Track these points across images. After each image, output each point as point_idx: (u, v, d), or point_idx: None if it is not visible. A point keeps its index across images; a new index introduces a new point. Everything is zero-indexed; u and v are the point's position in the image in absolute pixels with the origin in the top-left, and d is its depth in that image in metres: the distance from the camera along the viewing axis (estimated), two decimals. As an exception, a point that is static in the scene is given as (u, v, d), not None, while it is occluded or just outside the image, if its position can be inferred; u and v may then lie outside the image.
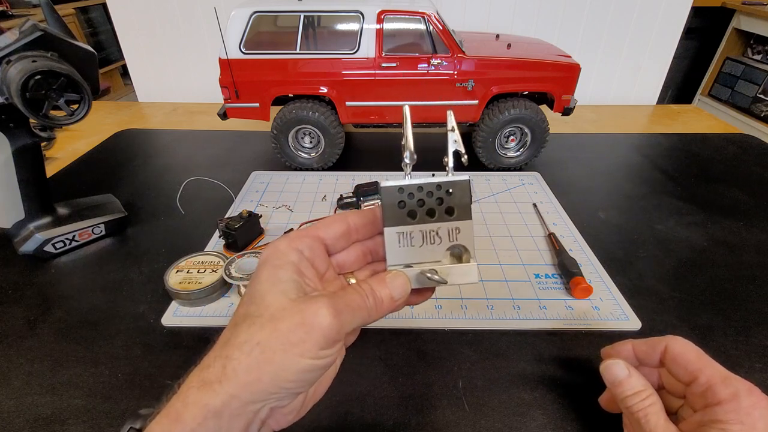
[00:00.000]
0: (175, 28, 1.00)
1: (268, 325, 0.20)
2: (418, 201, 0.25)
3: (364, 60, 0.62)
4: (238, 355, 0.20)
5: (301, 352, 0.20)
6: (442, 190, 0.25)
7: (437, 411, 0.34)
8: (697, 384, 0.27)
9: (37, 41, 0.41)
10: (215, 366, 0.20)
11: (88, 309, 0.44)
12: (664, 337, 0.30)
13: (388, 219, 0.25)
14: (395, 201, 0.25)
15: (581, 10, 0.97)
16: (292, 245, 0.23)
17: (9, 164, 0.46)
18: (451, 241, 0.25)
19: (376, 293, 0.23)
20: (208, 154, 0.76)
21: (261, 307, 0.21)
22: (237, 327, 0.21)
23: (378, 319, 0.24)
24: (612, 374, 0.30)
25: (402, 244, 0.25)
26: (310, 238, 0.24)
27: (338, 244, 0.25)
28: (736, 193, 0.64)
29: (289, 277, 0.22)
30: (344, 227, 0.25)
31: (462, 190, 0.25)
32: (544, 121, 0.66)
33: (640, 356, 0.31)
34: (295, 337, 0.20)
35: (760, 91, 1.85)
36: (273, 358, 0.20)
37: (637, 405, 0.28)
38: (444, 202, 0.25)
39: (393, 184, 0.24)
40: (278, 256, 0.23)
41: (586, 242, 0.53)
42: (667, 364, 0.30)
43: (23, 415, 0.34)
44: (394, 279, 0.24)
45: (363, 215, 0.26)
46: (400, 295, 0.24)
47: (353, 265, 0.27)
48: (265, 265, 0.23)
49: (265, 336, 0.20)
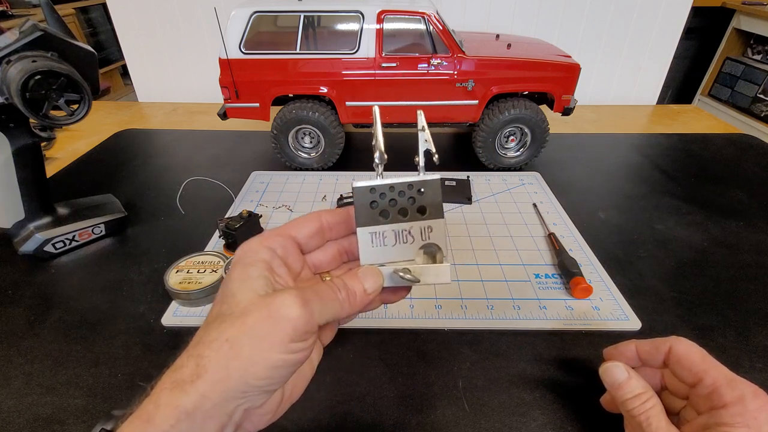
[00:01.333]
0: (175, 28, 1.00)
1: (237, 321, 0.20)
2: (390, 201, 0.25)
3: (364, 60, 0.62)
4: (209, 353, 0.20)
5: (270, 345, 0.20)
6: (414, 190, 0.25)
7: (437, 411, 0.34)
8: (702, 386, 0.27)
9: (37, 41, 0.41)
10: (188, 365, 0.20)
11: (88, 309, 0.44)
12: (669, 338, 0.30)
13: (361, 219, 0.25)
14: (367, 201, 0.25)
15: (581, 10, 0.97)
16: (264, 243, 0.23)
17: (9, 164, 0.46)
18: (423, 240, 0.25)
19: (348, 286, 0.23)
20: (208, 154, 0.76)
21: (231, 304, 0.21)
22: (209, 326, 0.21)
23: (353, 314, 0.24)
24: (611, 377, 0.30)
25: (375, 244, 0.25)
26: (282, 236, 0.24)
27: (311, 243, 0.26)
28: (736, 193, 0.64)
29: (258, 274, 0.22)
30: (317, 225, 0.25)
31: (433, 189, 0.25)
32: (544, 121, 0.66)
33: (644, 357, 0.31)
34: (262, 330, 0.20)
35: (760, 91, 1.85)
36: (241, 352, 0.20)
37: (638, 408, 0.28)
38: (416, 201, 0.25)
39: (365, 185, 0.24)
40: (249, 255, 0.23)
41: (586, 242, 0.53)
42: (671, 366, 0.29)
43: (23, 415, 0.34)
44: (366, 273, 0.24)
45: (336, 214, 0.26)
46: (373, 288, 0.24)
47: (329, 264, 0.27)
48: (237, 264, 0.23)
49: (234, 332, 0.20)
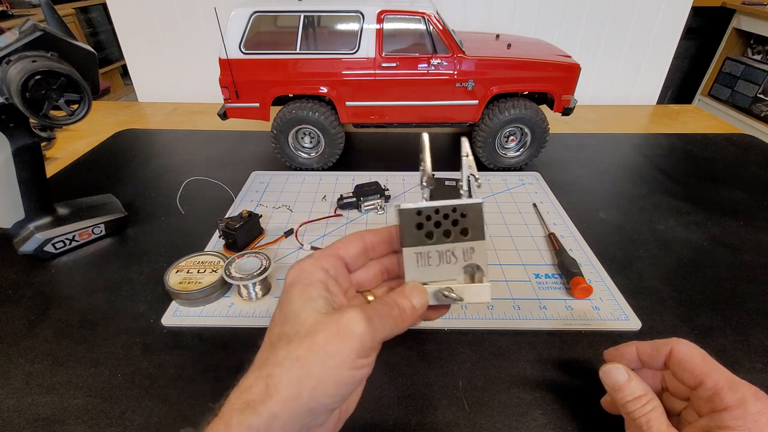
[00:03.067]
0: (175, 28, 1.00)
1: (306, 340, 0.21)
2: (435, 222, 0.26)
3: (364, 60, 0.62)
4: (279, 372, 0.21)
5: (340, 362, 0.21)
6: (457, 213, 0.26)
7: (437, 411, 0.34)
8: (704, 388, 0.27)
9: (37, 41, 0.41)
10: (258, 386, 0.21)
11: (88, 309, 0.44)
12: (669, 339, 0.30)
13: (407, 239, 0.25)
14: (413, 222, 0.25)
15: (581, 10, 0.97)
16: (318, 264, 0.25)
17: (9, 164, 0.46)
18: (465, 260, 0.26)
19: (399, 303, 0.24)
20: (208, 154, 0.76)
21: (296, 324, 0.22)
22: (274, 347, 0.22)
23: (404, 330, 0.25)
24: (611, 379, 0.30)
25: (420, 264, 0.26)
26: (333, 257, 0.26)
27: (357, 262, 0.27)
28: (736, 193, 0.64)
29: (319, 294, 0.23)
30: (361, 245, 0.27)
31: (476, 212, 0.26)
32: (544, 121, 0.66)
33: (644, 359, 0.31)
34: (332, 348, 0.21)
35: (760, 91, 1.85)
36: (312, 371, 0.20)
37: (638, 410, 0.28)
38: (458, 224, 0.26)
39: (411, 207, 0.25)
40: (306, 276, 0.24)
41: (586, 242, 0.53)
42: (672, 368, 0.29)
43: (23, 415, 0.34)
44: (413, 290, 0.25)
45: (378, 234, 0.27)
46: (420, 305, 0.25)
47: (371, 282, 0.28)
48: (295, 284, 0.24)
49: (304, 350, 0.21)
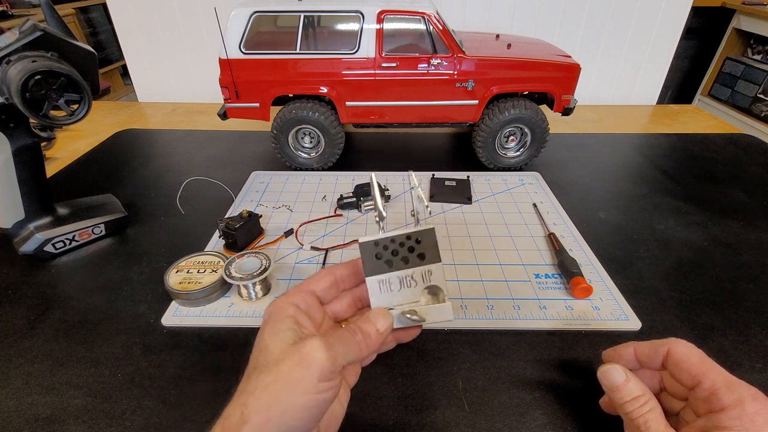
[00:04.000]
0: (175, 28, 1.00)
1: (273, 369, 0.23)
2: (393, 251, 0.28)
3: (364, 60, 0.62)
4: (252, 400, 0.22)
5: (303, 389, 0.23)
6: (412, 240, 0.28)
7: (437, 411, 0.34)
8: (701, 389, 0.27)
9: (37, 41, 0.41)
10: (235, 414, 0.22)
11: (88, 309, 0.44)
12: (667, 339, 0.30)
13: (368, 269, 0.28)
14: (372, 253, 0.28)
15: (581, 10, 0.97)
16: (288, 300, 0.27)
17: (9, 164, 0.46)
18: (425, 282, 0.28)
19: (363, 329, 0.26)
20: (208, 154, 0.76)
21: (266, 355, 0.24)
22: (249, 377, 0.24)
23: (372, 353, 0.27)
24: (609, 379, 0.30)
25: (383, 290, 0.28)
26: (304, 292, 0.28)
27: (328, 295, 0.29)
28: (736, 193, 0.64)
29: (287, 327, 0.25)
30: (331, 279, 0.29)
31: (429, 237, 0.28)
32: (544, 121, 0.66)
33: (642, 359, 0.31)
34: (296, 374, 0.23)
35: (760, 91, 1.85)
36: (279, 397, 0.22)
37: (636, 411, 0.28)
38: (415, 249, 0.28)
39: (369, 239, 0.28)
40: (277, 312, 0.26)
41: (586, 242, 0.53)
42: (670, 368, 0.29)
43: (23, 415, 0.34)
44: (377, 314, 0.27)
45: (347, 267, 0.30)
46: (384, 328, 0.27)
47: (345, 312, 0.30)
48: (269, 321, 0.26)
49: (271, 379, 0.23)
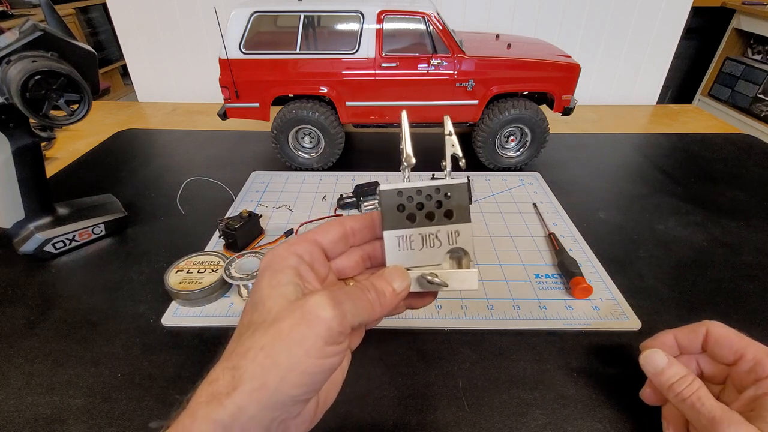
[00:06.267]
0: (175, 28, 1.00)
1: (271, 328, 0.20)
2: (417, 204, 0.24)
3: (364, 60, 0.62)
4: (244, 363, 0.19)
5: (306, 351, 0.19)
6: (441, 193, 0.24)
7: (437, 411, 0.34)
8: (744, 361, 0.29)
9: (37, 41, 0.41)
10: (224, 378, 0.20)
11: (88, 309, 0.44)
12: (702, 322, 0.32)
13: (388, 222, 0.24)
14: (394, 204, 0.24)
15: (581, 10, 0.97)
16: (291, 250, 0.23)
17: (9, 164, 0.46)
18: (450, 244, 0.25)
19: (377, 287, 0.23)
20: (208, 154, 0.76)
21: (263, 312, 0.21)
22: (241, 336, 0.21)
23: (383, 316, 0.24)
24: (652, 364, 0.30)
25: (402, 248, 0.25)
26: (308, 242, 0.24)
27: (336, 248, 0.25)
28: (736, 193, 0.64)
29: (288, 280, 0.22)
30: (341, 231, 0.25)
31: (460, 192, 0.24)
32: (544, 121, 0.66)
33: (683, 343, 0.32)
34: (297, 334, 0.20)
35: (760, 91, 1.85)
36: (278, 360, 0.19)
37: (687, 389, 0.28)
38: (443, 205, 0.25)
39: (392, 188, 0.24)
40: (277, 261, 0.23)
41: (586, 242, 0.53)
42: (711, 348, 0.31)
43: (23, 415, 0.34)
44: (393, 273, 0.24)
45: (360, 219, 0.26)
46: (401, 288, 0.24)
47: (352, 270, 0.26)
48: (266, 271, 0.23)
49: (269, 339, 0.20)
